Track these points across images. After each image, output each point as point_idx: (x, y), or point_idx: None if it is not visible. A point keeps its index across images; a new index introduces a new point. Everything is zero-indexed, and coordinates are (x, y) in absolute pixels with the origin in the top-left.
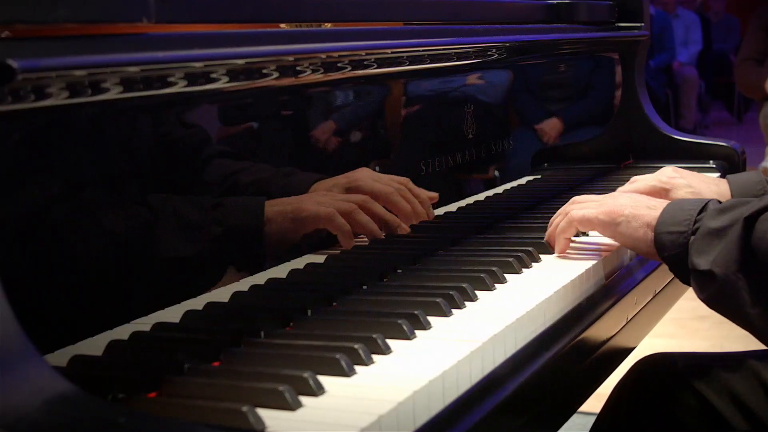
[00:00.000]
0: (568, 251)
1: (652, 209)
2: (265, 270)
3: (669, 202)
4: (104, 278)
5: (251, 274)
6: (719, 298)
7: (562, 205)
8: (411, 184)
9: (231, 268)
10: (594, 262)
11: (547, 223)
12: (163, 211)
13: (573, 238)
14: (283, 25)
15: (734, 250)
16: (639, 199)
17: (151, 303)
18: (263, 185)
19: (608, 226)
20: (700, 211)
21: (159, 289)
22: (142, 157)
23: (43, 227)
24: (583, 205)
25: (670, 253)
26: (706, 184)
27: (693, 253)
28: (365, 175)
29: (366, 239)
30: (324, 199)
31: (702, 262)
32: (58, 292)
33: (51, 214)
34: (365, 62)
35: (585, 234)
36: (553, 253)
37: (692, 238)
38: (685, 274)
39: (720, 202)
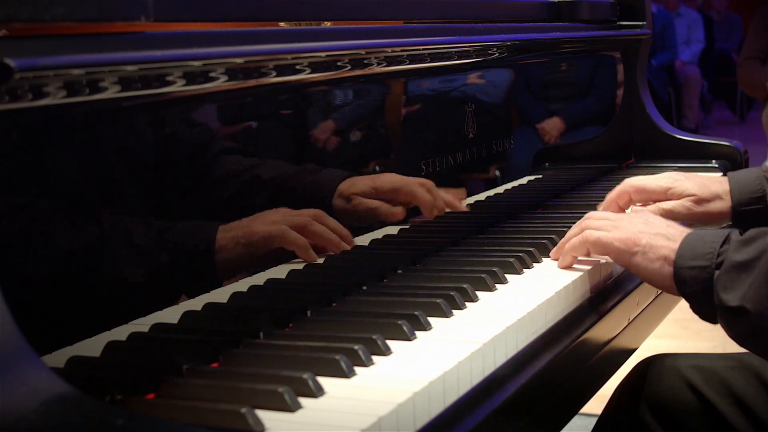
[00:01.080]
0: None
1: (670, 240)
2: (264, 271)
3: (687, 233)
4: (102, 278)
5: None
6: (752, 334)
7: (564, 205)
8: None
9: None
10: (596, 262)
11: (549, 223)
12: (114, 232)
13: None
14: (282, 24)
15: (766, 283)
16: (657, 226)
17: (149, 303)
18: (281, 183)
19: (623, 254)
20: (722, 244)
21: (158, 290)
22: (139, 156)
23: (41, 227)
24: (599, 224)
25: (692, 289)
26: (710, 180)
27: (720, 290)
28: (392, 175)
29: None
30: (276, 217)
31: (731, 298)
32: (56, 293)
33: (49, 214)
34: (365, 61)
35: None
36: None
37: (716, 272)
38: (707, 310)
39: (741, 233)
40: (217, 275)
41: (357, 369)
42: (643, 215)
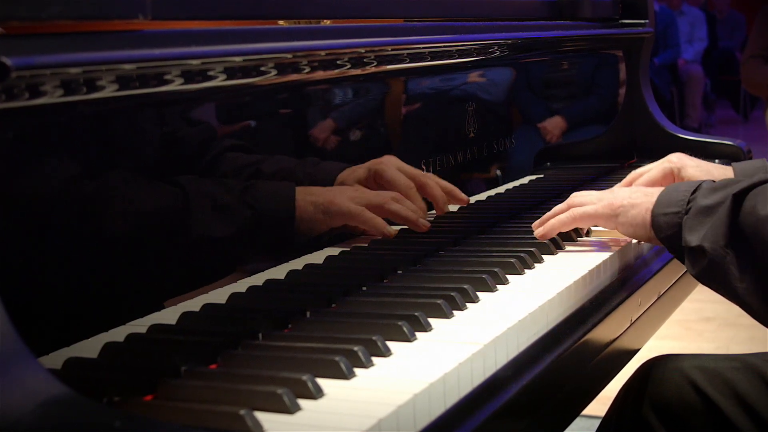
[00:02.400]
0: (571, 251)
1: (649, 196)
2: (263, 271)
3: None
4: (100, 279)
5: (270, 267)
6: (709, 273)
7: None
8: (436, 179)
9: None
10: (598, 263)
11: None
12: (195, 198)
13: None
14: (281, 22)
15: (722, 225)
16: (637, 189)
17: (147, 304)
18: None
19: (609, 218)
20: (693, 192)
21: (155, 290)
22: (138, 156)
23: (38, 227)
24: (584, 200)
25: (665, 234)
26: (713, 166)
27: (685, 231)
28: (390, 162)
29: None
30: (356, 195)
31: (693, 238)
32: (53, 293)
33: (46, 214)
34: (365, 60)
35: (587, 234)
36: (556, 253)
37: (685, 217)
38: (681, 253)
39: (714, 182)
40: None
41: (357, 370)
42: (629, 187)
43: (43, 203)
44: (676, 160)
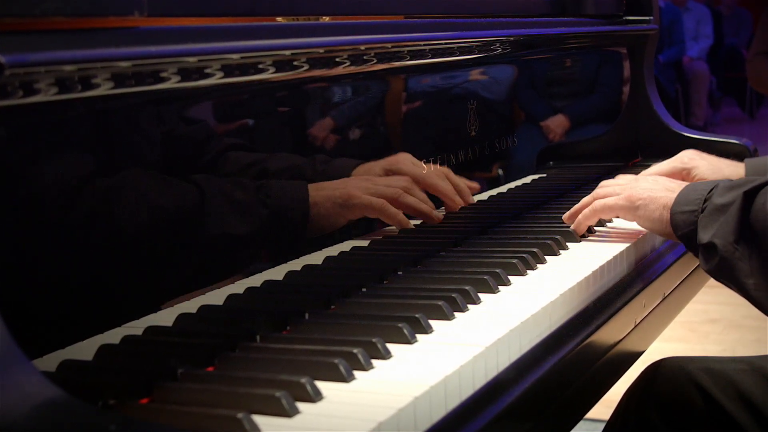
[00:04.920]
0: (574, 252)
1: (669, 191)
2: (261, 272)
3: (686, 184)
4: (95, 280)
5: (280, 263)
6: (720, 269)
7: (568, 204)
8: (450, 174)
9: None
10: (601, 263)
11: (553, 223)
12: (211, 195)
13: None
14: (279, 19)
15: (733, 222)
16: (659, 182)
17: (143, 306)
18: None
19: (628, 210)
20: (710, 191)
21: (152, 291)
22: (135, 155)
23: (32, 228)
24: (608, 191)
25: (683, 231)
26: (725, 163)
27: (699, 229)
28: (406, 159)
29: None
30: (370, 186)
31: (705, 235)
32: (48, 295)
33: (40, 215)
34: (365, 57)
35: (606, 222)
36: (559, 254)
37: (701, 215)
38: (696, 250)
39: (730, 181)
40: (308, 233)
41: (356, 373)
42: (652, 177)
43: (38, 203)
44: (687, 160)
